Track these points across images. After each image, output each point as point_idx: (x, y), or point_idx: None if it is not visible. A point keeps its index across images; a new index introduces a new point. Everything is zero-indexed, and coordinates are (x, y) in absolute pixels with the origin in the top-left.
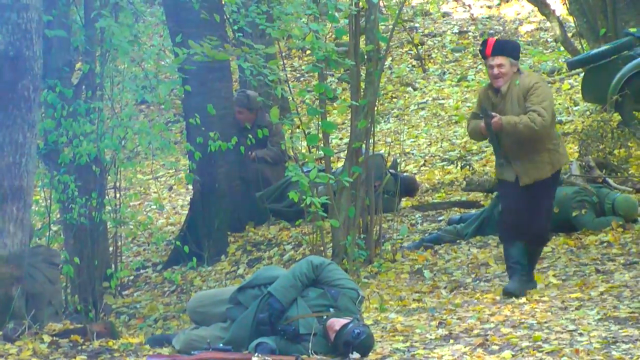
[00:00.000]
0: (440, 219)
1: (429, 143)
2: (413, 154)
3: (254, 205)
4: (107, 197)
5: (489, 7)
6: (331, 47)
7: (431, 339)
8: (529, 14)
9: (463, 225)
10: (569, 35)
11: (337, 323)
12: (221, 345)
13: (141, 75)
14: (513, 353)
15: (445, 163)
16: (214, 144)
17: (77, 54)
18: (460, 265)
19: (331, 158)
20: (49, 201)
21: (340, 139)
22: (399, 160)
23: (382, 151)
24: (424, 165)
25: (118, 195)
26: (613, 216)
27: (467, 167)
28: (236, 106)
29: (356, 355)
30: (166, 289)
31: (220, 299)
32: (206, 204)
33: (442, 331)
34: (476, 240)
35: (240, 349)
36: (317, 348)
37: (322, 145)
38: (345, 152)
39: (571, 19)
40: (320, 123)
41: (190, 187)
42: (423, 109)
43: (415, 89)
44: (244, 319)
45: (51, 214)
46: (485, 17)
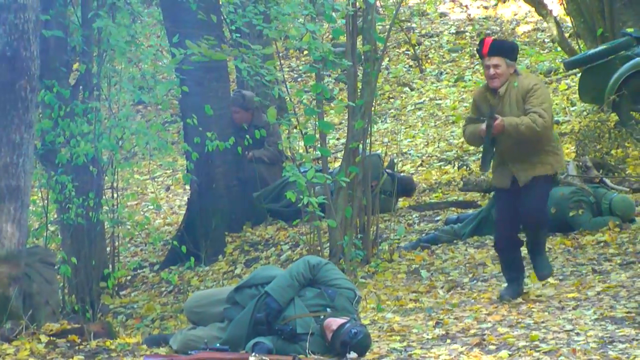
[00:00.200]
0: (438, 219)
1: (426, 143)
2: (410, 154)
3: (251, 205)
4: (104, 197)
5: (486, 8)
6: (328, 47)
7: (428, 338)
8: (526, 14)
9: (460, 225)
10: (566, 35)
11: (334, 323)
12: (218, 345)
13: (138, 76)
14: (510, 353)
15: (442, 163)
16: (211, 144)
17: (74, 54)
18: (458, 265)
19: (328, 158)
20: (46, 201)
21: (338, 139)
22: (396, 161)
23: (379, 151)
24: (421, 165)
25: (115, 196)
26: (610, 216)
27: (464, 167)
28: (232, 106)
29: (353, 355)
30: (163, 289)
31: (218, 299)
32: (203, 204)
33: (439, 331)
34: (473, 240)
35: (237, 348)
36: (314, 348)
37: (319, 145)
38: (343, 152)
39: (568, 19)
40: (317, 123)
41: (188, 187)
42: (420, 109)
43: (412, 89)
44: (241, 319)
45: (48, 214)
46: (482, 17)
